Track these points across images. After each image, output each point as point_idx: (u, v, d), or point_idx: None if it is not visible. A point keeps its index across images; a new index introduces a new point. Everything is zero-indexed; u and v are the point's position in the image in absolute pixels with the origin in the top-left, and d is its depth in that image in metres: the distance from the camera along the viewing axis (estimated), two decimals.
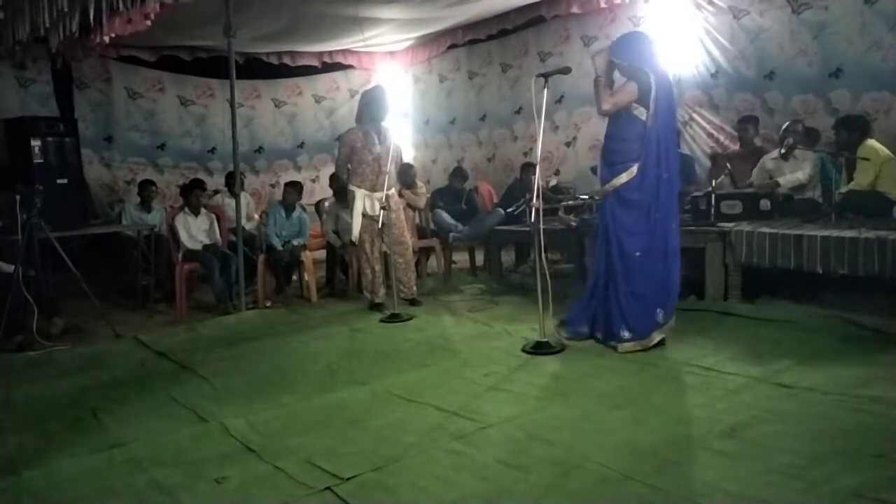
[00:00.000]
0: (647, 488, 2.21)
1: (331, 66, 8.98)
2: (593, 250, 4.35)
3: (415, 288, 5.58)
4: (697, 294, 4.88)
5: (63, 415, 3.35)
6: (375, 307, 5.41)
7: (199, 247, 6.04)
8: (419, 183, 6.94)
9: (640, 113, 3.76)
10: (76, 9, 4.79)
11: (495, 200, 7.35)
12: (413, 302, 5.47)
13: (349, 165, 5.43)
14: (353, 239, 5.46)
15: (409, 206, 6.52)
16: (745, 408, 2.85)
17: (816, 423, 2.64)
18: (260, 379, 3.79)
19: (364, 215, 5.34)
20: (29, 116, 6.74)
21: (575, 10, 6.65)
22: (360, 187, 5.34)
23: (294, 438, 2.84)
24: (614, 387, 3.25)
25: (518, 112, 8.20)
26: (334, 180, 6.59)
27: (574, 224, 5.56)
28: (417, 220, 6.81)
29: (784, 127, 5.24)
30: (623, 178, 3.79)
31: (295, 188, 6.52)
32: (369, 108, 5.40)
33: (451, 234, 6.56)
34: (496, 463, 2.48)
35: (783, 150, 5.12)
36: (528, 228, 5.03)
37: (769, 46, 5.94)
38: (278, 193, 7.47)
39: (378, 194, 5.22)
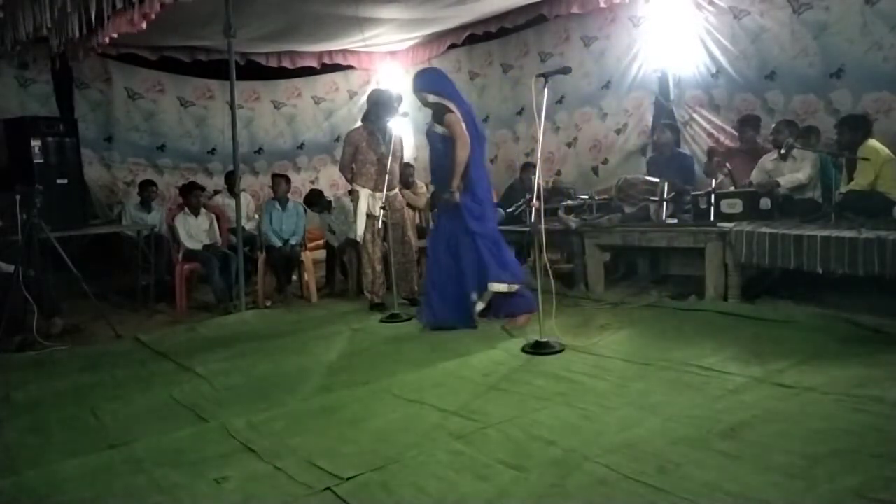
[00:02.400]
0: (647, 488, 2.21)
1: (330, 67, 8.98)
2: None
3: (416, 287, 5.57)
4: (697, 294, 4.89)
5: (63, 415, 3.35)
6: (376, 307, 5.42)
7: (199, 247, 6.05)
8: (419, 183, 6.94)
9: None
10: (77, 9, 4.80)
11: (495, 200, 7.35)
12: (415, 302, 5.47)
13: (353, 165, 5.42)
14: (357, 238, 5.45)
15: (409, 205, 6.52)
16: (745, 408, 2.84)
17: (816, 423, 2.64)
18: (260, 379, 3.79)
19: (368, 215, 5.35)
20: (29, 116, 6.74)
21: (575, 10, 6.64)
22: (364, 187, 5.34)
23: (294, 438, 2.84)
24: (614, 387, 3.24)
25: (520, 113, 8.19)
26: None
27: (574, 224, 5.56)
28: (417, 220, 6.81)
29: (773, 128, 5.25)
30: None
31: (283, 178, 6.55)
32: (376, 107, 5.42)
33: None
34: (496, 463, 2.48)
35: (783, 151, 5.12)
36: (527, 228, 5.03)
37: (770, 46, 5.94)
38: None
39: (381, 194, 5.23)
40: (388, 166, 5.27)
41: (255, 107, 8.99)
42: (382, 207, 5.16)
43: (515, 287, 4.58)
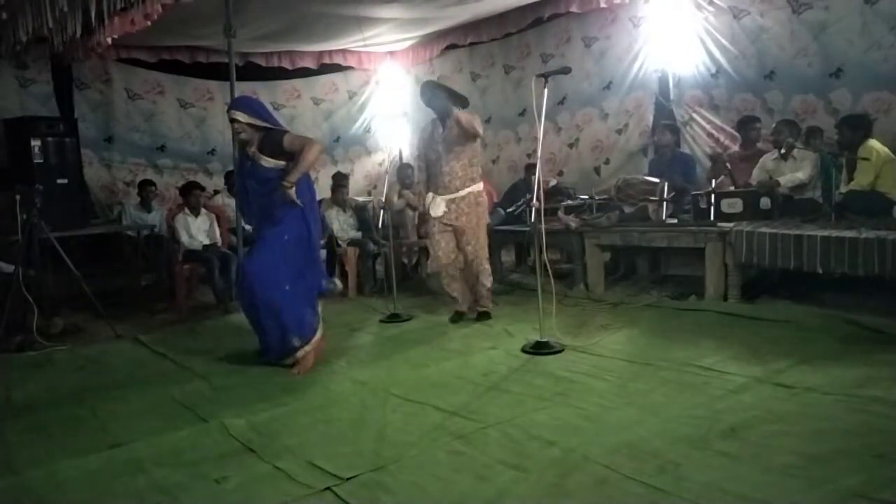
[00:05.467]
0: (647, 488, 2.21)
1: (329, 67, 8.98)
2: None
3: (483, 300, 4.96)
4: (697, 294, 4.89)
5: (63, 415, 3.35)
6: (456, 317, 4.89)
7: (199, 247, 6.05)
8: None
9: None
10: (77, 9, 4.80)
11: (496, 200, 7.36)
12: (482, 315, 4.89)
13: (420, 164, 5.00)
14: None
15: (410, 206, 6.53)
16: (745, 408, 2.84)
17: (816, 423, 2.64)
18: (260, 379, 3.78)
19: (429, 217, 4.82)
20: (29, 116, 6.74)
21: (574, 9, 6.65)
22: (428, 189, 4.83)
23: (294, 438, 2.84)
24: (614, 387, 3.24)
25: (522, 114, 8.19)
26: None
27: (574, 224, 5.56)
28: (417, 221, 6.81)
29: (773, 128, 5.26)
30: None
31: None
32: (432, 100, 4.79)
33: None
34: (496, 463, 2.48)
35: (783, 150, 5.13)
36: (528, 228, 5.02)
37: (769, 46, 5.94)
38: None
39: (444, 197, 4.69)
40: (449, 165, 4.67)
41: None
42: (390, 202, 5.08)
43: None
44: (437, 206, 4.72)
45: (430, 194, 4.79)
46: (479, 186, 4.80)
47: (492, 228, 5.81)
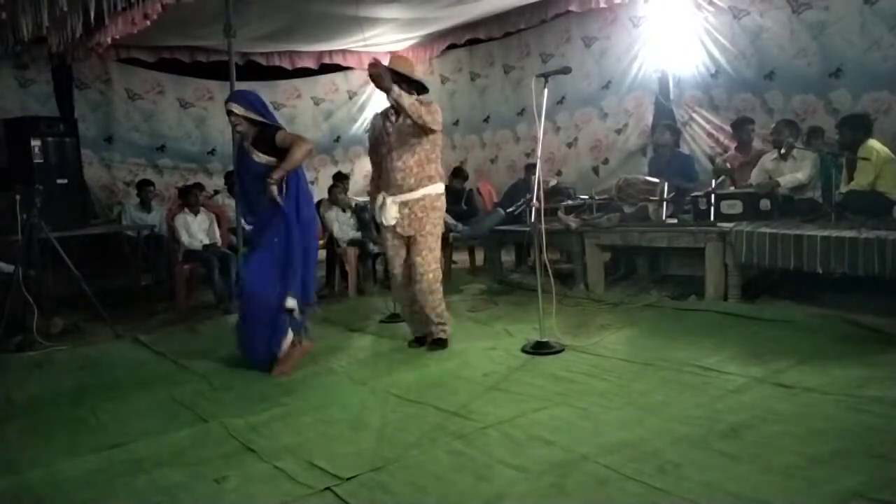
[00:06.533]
0: (647, 488, 2.21)
1: (329, 67, 8.99)
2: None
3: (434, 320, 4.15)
4: (697, 294, 4.89)
5: (63, 415, 3.35)
6: (414, 344, 4.26)
7: (198, 246, 6.05)
8: None
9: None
10: (77, 9, 4.80)
11: (496, 200, 7.36)
12: (441, 342, 4.17)
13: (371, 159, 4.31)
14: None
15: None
16: (745, 408, 2.84)
17: (816, 423, 2.64)
18: (259, 379, 3.78)
19: (379, 226, 4.18)
20: (29, 116, 6.75)
21: (573, 8, 6.65)
22: (380, 189, 4.13)
23: (294, 438, 2.84)
24: (614, 387, 3.24)
25: (521, 113, 8.21)
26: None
27: (574, 224, 5.56)
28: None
29: (772, 128, 5.27)
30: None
31: None
32: (380, 84, 3.89)
33: (452, 234, 6.56)
34: (496, 463, 2.48)
35: (782, 151, 5.13)
36: (528, 228, 5.02)
37: (769, 46, 5.95)
38: None
39: (395, 198, 3.99)
40: (402, 160, 3.96)
41: None
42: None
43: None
44: (389, 212, 4.00)
45: (381, 196, 4.06)
46: (438, 188, 4.04)
47: (446, 237, 5.05)
